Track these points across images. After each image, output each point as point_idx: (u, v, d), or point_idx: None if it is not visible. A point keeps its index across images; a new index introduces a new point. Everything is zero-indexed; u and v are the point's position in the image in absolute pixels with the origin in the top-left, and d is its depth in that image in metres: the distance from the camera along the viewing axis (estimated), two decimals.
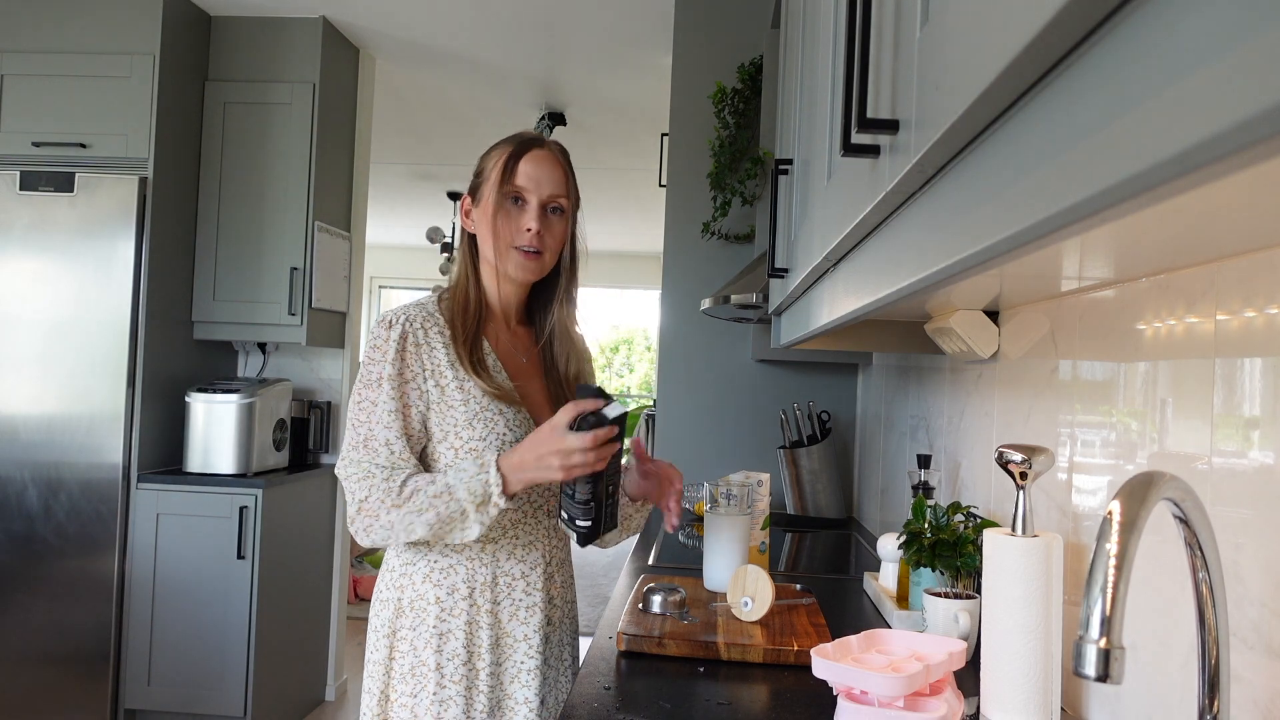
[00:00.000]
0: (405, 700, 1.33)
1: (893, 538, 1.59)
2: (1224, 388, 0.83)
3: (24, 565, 3.05)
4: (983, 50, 0.47)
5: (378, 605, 1.38)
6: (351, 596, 5.03)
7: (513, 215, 1.38)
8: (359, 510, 1.28)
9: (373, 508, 1.27)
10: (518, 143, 1.41)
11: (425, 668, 1.32)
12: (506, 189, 1.38)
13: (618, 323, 12.26)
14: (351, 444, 1.31)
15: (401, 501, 1.27)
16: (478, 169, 1.44)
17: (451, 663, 1.32)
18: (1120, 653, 0.57)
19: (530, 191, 1.38)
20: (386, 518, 1.27)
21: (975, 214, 0.54)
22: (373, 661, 1.37)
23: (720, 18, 3.08)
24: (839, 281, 1.10)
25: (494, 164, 1.40)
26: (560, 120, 4.41)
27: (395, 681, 1.34)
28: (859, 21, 0.72)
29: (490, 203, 1.38)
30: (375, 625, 1.38)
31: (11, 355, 3.07)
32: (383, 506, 1.27)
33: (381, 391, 1.31)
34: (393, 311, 1.37)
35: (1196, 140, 0.31)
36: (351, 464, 1.30)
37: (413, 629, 1.34)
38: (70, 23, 3.14)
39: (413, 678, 1.33)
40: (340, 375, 3.69)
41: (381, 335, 1.33)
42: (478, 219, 1.41)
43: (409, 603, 1.34)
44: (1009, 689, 0.97)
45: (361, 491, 1.28)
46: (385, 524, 1.27)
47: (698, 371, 3.03)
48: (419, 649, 1.33)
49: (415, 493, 1.27)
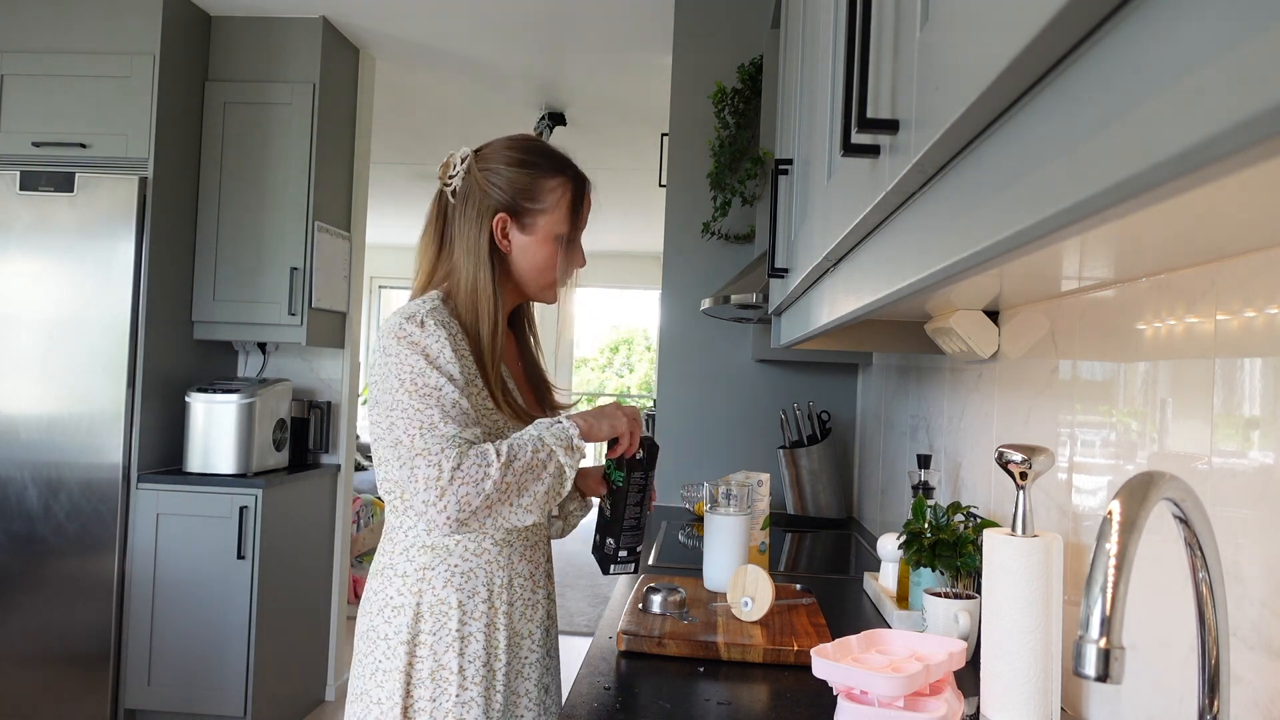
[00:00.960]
0: (424, 705, 1.29)
1: (893, 538, 1.59)
2: (1224, 388, 0.83)
3: (24, 565, 3.05)
4: (983, 50, 0.47)
5: (389, 612, 1.32)
6: (351, 596, 5.03)
7: (572, 252, 1.42)
8: (451, 479, 1.17)
9: (471, 473, 1.18)
10: (577, 177, 1.42)
11: (446, 671, 1.30)
12: (574, 232, 1.41)
13: (618, 323, 12.26)
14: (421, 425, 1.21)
15: (509, 460, 1.20)
16: (524, 193, 1.37)
17: (473, 665, 1.31)
18: (1120, 653, 0.57)
19: (583, 229, 1.43)
20: (491, 482, 1.18)
21: (975, 214, 0.54)
22: (384, 670, 1.30)
23: (720, 18, 3.08)
24: (839, 281, 1.10)
25: (557, 198, 1.38)
26: (560, 120, 4.41)
27: (414, 687, 1.29)
28: (859, 22, 0.72)
29: (550, 236, 1.38)
30: (387, 633, 1.31)
31: (11, 355, 3.07)
32: (485, 469, 1.18)
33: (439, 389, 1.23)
34: (413, 310, 1.29)
35: (1196, 140, 0.31)
36: (428, 438, 1.20)
37: (433, 634, 1.30)
38: (70, 23, 3.14)
39: (433, 683, 1.29)
40: (340, 375, 3.69)
41: (418, 336, 1.25)
42: (524, 245, 1.38)
43: (429, 608, 1.30)
44: (1009, 689, 0.97)
45: (449, 457, 1.18)
46: (499, 490, 1.19)
47: (698, 371, 3.03)
48: (439, 653, 1.30)
49: (514, 457, 1.21)
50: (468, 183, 1.39)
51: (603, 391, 11.89)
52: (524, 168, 1.38)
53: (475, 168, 1.39)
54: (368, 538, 5.42)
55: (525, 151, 1.40)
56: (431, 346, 1.25)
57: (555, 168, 1.40)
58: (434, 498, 1.18)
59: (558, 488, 1.25)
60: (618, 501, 1.42)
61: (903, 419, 2.23)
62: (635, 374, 12.19)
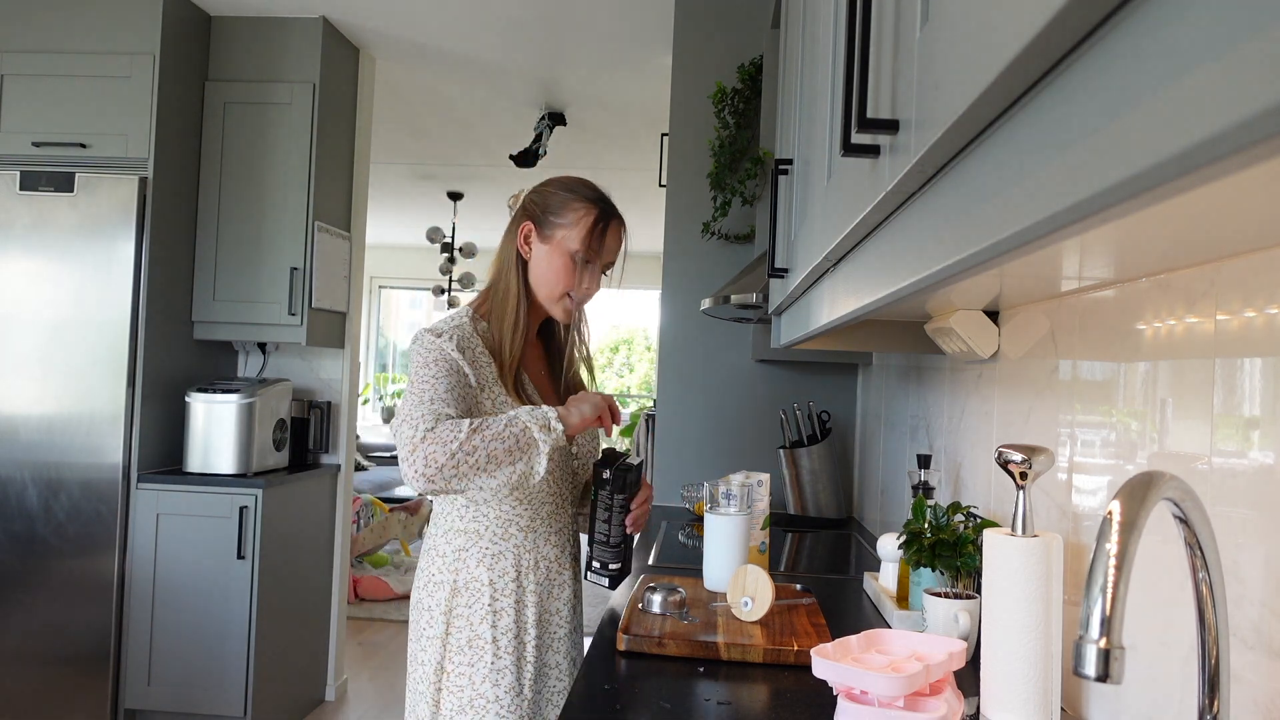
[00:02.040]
0: (463, 670, 1.47)
1: (893, 538, 1.59)
2: (1224, 388, 0.83)
3: (24, 565, 3.05)
4: (983, 50, 0.47)
5: (431, 587, 1.51)
6: (351, 596, 5.03)
7: (578, 271, 1.54)
8: (424, 440, 1.32)
9: (443, 435, 1.32)
10: (603, 209, 1.55)
11: (482, 641, 1.47)
12: (589, 252, 1.53)
13: (618, 323, 12.26)
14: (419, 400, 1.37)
15: (477, 428, 1.33)
16: (551, 207, 1.54)
17: (505, 637, 1.48)
18: (1120, 653, 0.57)
19: (601, 258, 1.56)
20: (456, 444, 1.31)
21: (975, 214, 0.54)
22: (427, 636, 1.49)
23: (720, 18, 3.08)
24: (839, 281, 1.10)
25: (579, 216, 1.53)
26: (560, 120, 4.41)
27: (452, 653, 1.47)
28: (859, 21, 0.72)
29: (562, 250, 1.53)
30: (429, 605, 1.50)
31: (11, 355, 3.07)
32: (453, 431, 1.32)
33: (440, 378, 1.40)
34: (438, 325, 1.49)
35: (1196, 140, 0.31)
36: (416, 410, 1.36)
37: (468, 607, 1.48)
38: (70, 23, 3.14)
39: (469, 649, 1.47)
40: (340, 375, 3.69)
41: (433, 342, 1.44)
42: (540, 252, 1.54)
43: (464, 584, 1.49)
44: (1009, 689, 0.97)
45: (428, 421, 1.34)
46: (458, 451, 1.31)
47: (698, 371, 3.03)
48: (474, 624, 1.47)
49: (484, 426, 1.34)
50: (520, 206, 1.59)
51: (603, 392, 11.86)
52: (564, 190, 1.56)
53: (530, 193, 1.59)
54: (368, 538, 5.42)
55: (574, 181, 1.58)
56: (450, 353, 1.43)
57: (590, 196, 1.56)
58: (407, 453, 1.33)
59: (529, 458, 1.36)
60: (591, 516, 1.56)
61: (903, 419, 2.23)
62: (635, 374, 12.19)
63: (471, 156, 5.36)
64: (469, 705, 1.45)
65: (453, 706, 1.46)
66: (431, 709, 1.48)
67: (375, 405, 9.16)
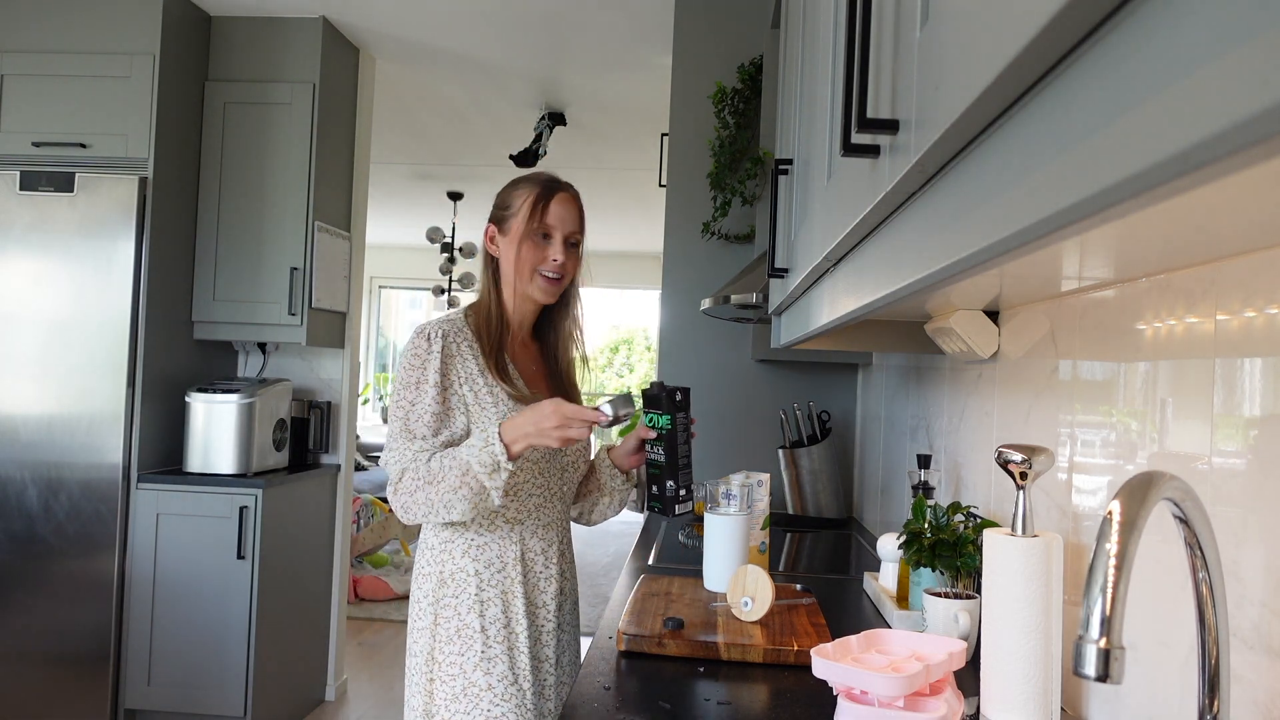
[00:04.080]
0: (454, 659, 1.51)
1: (893, 538, 1.59)
2: (1224, 388, 0.83)
3: (24, 565, 3.05)
4: (983, 50, 0.47)
5: (419, 580, 1.57)
6: (351, 596, 5.03)
7: (539, 247, 1.60)
8: (395, 491, 1.48)
9: (408, 485, 1.46)
10: (543, 184, 1.62)
11: (470, 630, 1.51)
12: (537, 226, 1.59)
13: (618, 323, 12.26)
14: (391, 435, 1.51)
15: (433, 480, 1.45)
16: (503, 203, 1.64)
17: (493, 626, 1.51)
18: (1120, 653, 0.57)
19: (556, 229, 1.60)
20: (422, 494, 1.45)
21: (975, 214, 0.54)
22: (417, 629, 1.55)
23: (720, 18, 3.08)
24: (839, 281, 1.10)
25: (522, 201, 1.60)
26: (560, 120, 4.41)
27: (441, 643, 1.51)
28: (859, 21, 0.72)
29: (518, 235, 1.60)
30: (417, 597, 1.57)
31: (11, 355, 3.07)
32: (417, 483, 1.46)
33: (421, 393, 1.50)
34: (429, 325, 1.55)
35: (1196, 140, 0.31)
36: (391, 451, 1.50)
37: (455, 597, 1.52)
38: (70, 23, 3.14)
39: (459, 639, 1.51)
40: (340, 375, 3.69)
41: (422, 346, 1.52)
42: (504, 246, 1.62)
43: (450, 575, 1.53)
44: (1009, 689, 0.97)
45: (396, 473, 1.48)
46: (423, 501, 1.45)
47: (698, 371, 3.03)
48: (462, 614, 1.52)
49: (442, 473, 1.45)
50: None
51: (603, 391, 11.89)
52: (509, 186, 1.65)
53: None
54: (368, 538, 5.42)
55: (521, 176, 1.67)
56: (430, 360, 1.51)
57: (530, 181, 1.64)
58: (391, 494, 1.49)
59: (482, 500, 1.45)
60: (671, 445, 1.57)
61: (903, 419, 2.23)
62: (635, 374, 12.19)
63: (471, 157, 5.36)
64: (461, 694, 1.49)
65: (446, 695, 1.50)
66: (425, 699, 1.52)
67: (375, 405, 9.16)
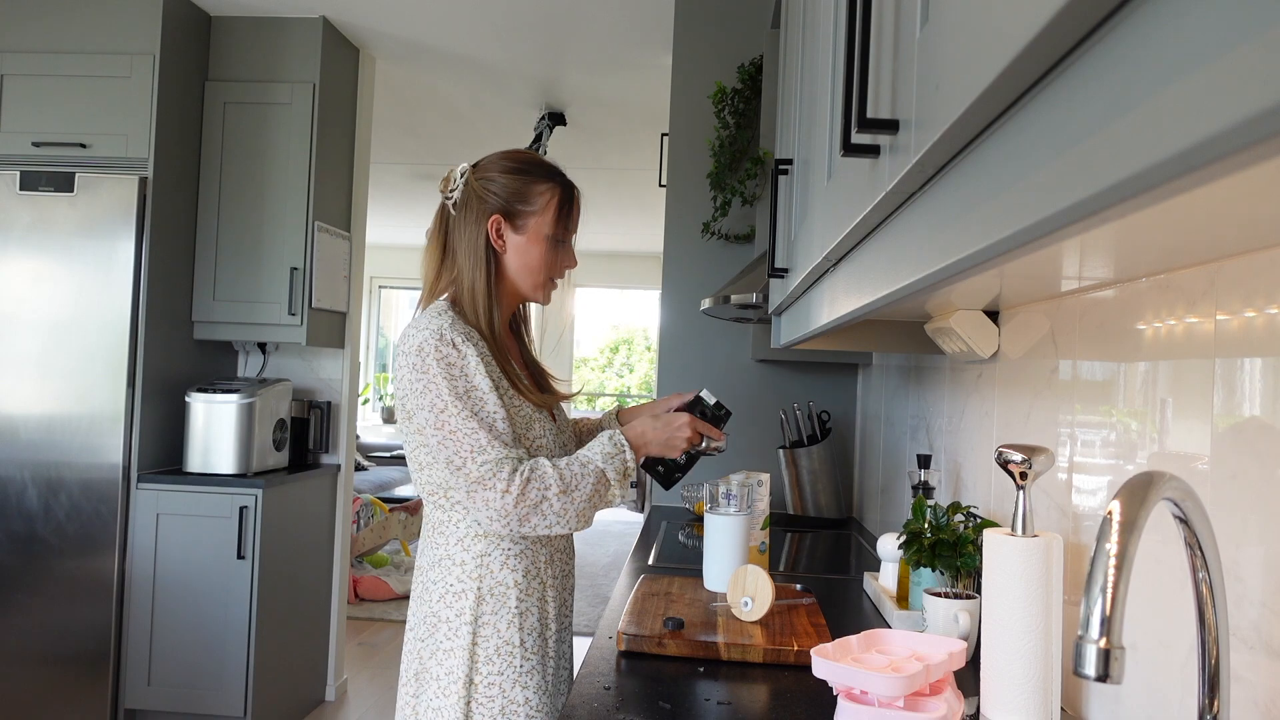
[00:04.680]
0: (493, 679, 1.40)
1: (893, 538, 1.59)
2: (1224, 388, 0.83)
3: (24, 565, 3.05)
4: (983, 50, 0.47)
5: (450, 598, 1.42)
6: (352, 596, 5.03)
7: (559, 252, 1.51)
8: (518, 501, 1.32)
9: (533, 496, 1.33)
10: (564, 184, 1.52)
11: (510, 646, 1.41)
12: (563, 231, 1.50)
13: (618, 323, 12.26)
14: (472, 448, 1.33)
15: (568, 489, 1.35)
16: (517, 194, 1.48)
17: (530, 637, 1.43)
18: (1120, 653, 0.57)
19: (573, 233, 1.53)
20: (559, 504, 1.34)
21: (975, 214, 0.54)
22: (445, 650, 1.41)
23: (720, 18, 3.08)
24: (839, 281, 1.10)
25: (546, 200, 1.49)
26: (560, 120, 4.41)
27: (479, 664, 1.40)
28: (859, 21, 0.72)
29: (539, 236, 1.48)
30: (448, 617, 1.42)
31: (11, 355, 3.07)
32: (545, 492, 1.33)
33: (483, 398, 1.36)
34: (445, 330, 1.38)
35: (1196, 140, 0.31)
36: (484, 464, 1.33)
37: (495, 613, 1.41)
38: (70, 23, 3.14)
39: (499, 657, 1.40)
40: (340, 375, 3.69)
41: (454, 354, 1.36)
42: (516, 244, 1.49)
43: (489, 590, 1.42)
44: (1009, 689, 0.97)
45: (515, 481, 1.32)
46: (558, 510, 1.34)
47: (698, 371, 3.03)
48: (502, 630, 1.41)
49: (576, 481, 1.36)
50: (466, 193, 1.50)
51: (603, 391, 11.88)
52: (517, 174, 1.49)
53: (474, 178, 1.50)
54: (368, 538, 5.42)
55: (518, 160, 1.52)
56: (469, 365, 1.37)
57: (546, 174, 1.51)
58: (497, 515, 1.33)
59: (605, 504, 1.41)
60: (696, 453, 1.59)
61: (903, 419, 2.23)
62: (635, 374, 12.19)
63: (471, 157, 5.32)
64: (500, 714, 1.39)
65: (485, 718, 1.39)
66: None
67: (375, 405, 9.16)
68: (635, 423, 1.50)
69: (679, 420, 1.49)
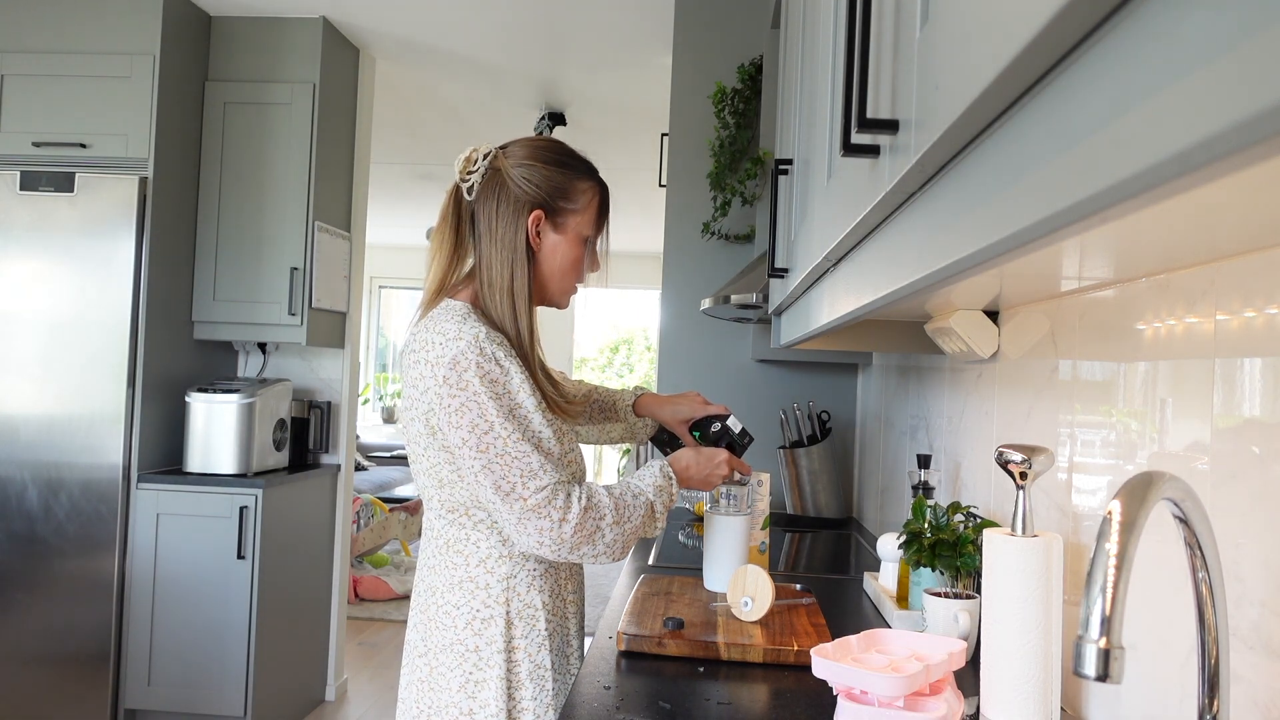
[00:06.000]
0: (528, 705, 1.31)
1: (893, 538, 1.59)
2: (1224, 388, 0.83)
3: (24, 565, 3.05)
4: (982, 50, 0.47)
5: (477, 624, 1.31)
6: (352, 596, 5.03)
7: (590, 256, 1.43)
8: (576, 530, 1.25)
9: (589, 525, 1.26)
10: (603, 184, 1.44)
11: (543, 670, 1.33)
12: (599, 233, 1.43)
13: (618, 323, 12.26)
14: (523, 473, 1.24)
15: (622, 518, 1.30)
16: (560, 190, 1.36)
17: (558, 658, 1.37)
18: (1120, 653, 0.57)
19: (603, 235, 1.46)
20: (612, 534, 1.28)
21: (975, 214, 0.54)
22: (475, 681, 1.31)
23: (720, 18, 3.08)
24: (839, 281, 1.10)
25: (589, 199, 1.40)
26: (560, 120, 4.41)
27: (515, 690, 1.32)
28: (859, 21, 0.72)
29: (578, 238, 1.39)
30: (477, 644, 1.31)
31: (11, 355, 3.07)
32: (600, 522, 1.27)
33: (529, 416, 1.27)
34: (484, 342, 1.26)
35: (1196, 140, 0.31)
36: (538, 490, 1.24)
37: (525, 637, 1.33)
38: (70, 23, 3.14)
39: (532, 682, 1.32)
40: (340, 375, 3.69)
41: (496, 370, 1.25)
42: (553, 243, 1.37)
43: (517, 613, 1.33)
44: (1009, 689, 0.97)
45: (574, 509, 1.25)
46: (612, 540, 1.29)
47: (698, 371, 3.03)
48: (533, 654, 1.33)
49: (629, 511, 1.31)
50: (497, 179, 1.36)
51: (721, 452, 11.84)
52: (560, 167, 1.38)
53: (506, 164, 1.37)
54: (368, 538, 5.42)
55: (559, 152, 1.41)
56: (513, 382, 1.26)
57: (587, 171, 1.42)
58: (550, 542, 1.25)
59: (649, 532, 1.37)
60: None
61: (903, 419, 2.23)
62: (635, 374, 12.19)
63: None
64: None
65: None
66: None
67: (375, 405, 9.15)
68: (680, 454, 1.44)
69: (719, 458, 1.46)
